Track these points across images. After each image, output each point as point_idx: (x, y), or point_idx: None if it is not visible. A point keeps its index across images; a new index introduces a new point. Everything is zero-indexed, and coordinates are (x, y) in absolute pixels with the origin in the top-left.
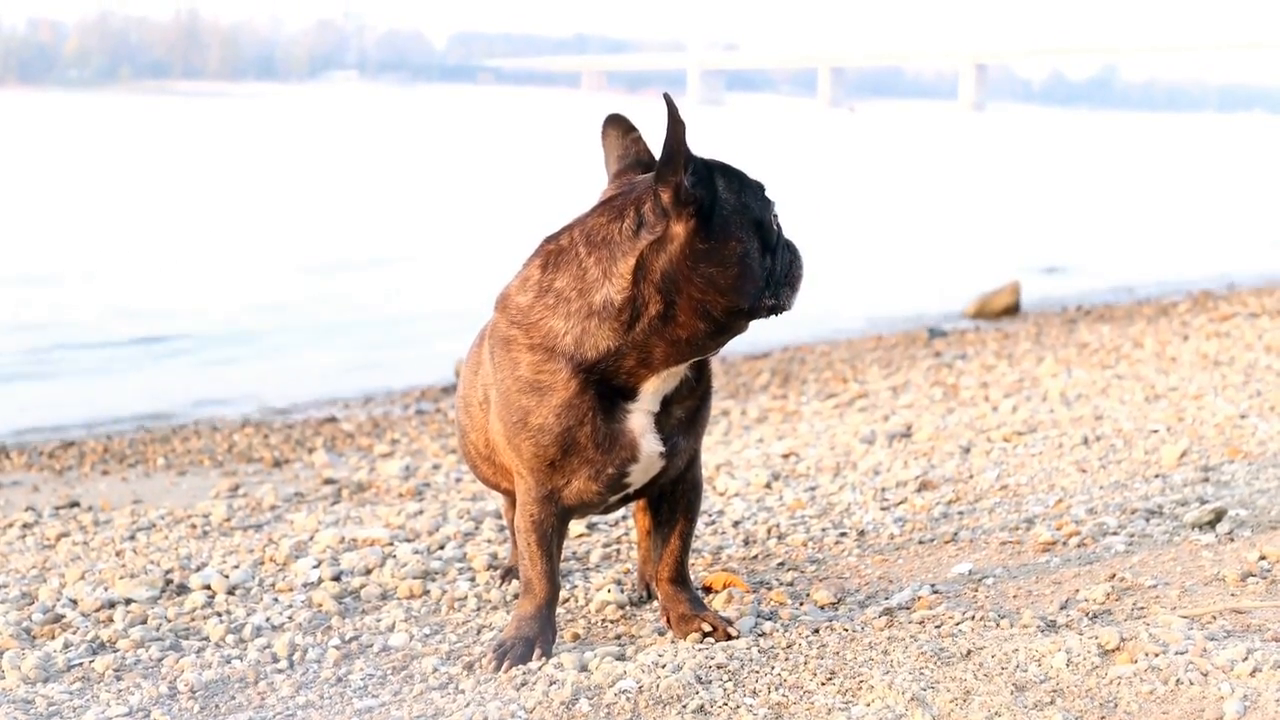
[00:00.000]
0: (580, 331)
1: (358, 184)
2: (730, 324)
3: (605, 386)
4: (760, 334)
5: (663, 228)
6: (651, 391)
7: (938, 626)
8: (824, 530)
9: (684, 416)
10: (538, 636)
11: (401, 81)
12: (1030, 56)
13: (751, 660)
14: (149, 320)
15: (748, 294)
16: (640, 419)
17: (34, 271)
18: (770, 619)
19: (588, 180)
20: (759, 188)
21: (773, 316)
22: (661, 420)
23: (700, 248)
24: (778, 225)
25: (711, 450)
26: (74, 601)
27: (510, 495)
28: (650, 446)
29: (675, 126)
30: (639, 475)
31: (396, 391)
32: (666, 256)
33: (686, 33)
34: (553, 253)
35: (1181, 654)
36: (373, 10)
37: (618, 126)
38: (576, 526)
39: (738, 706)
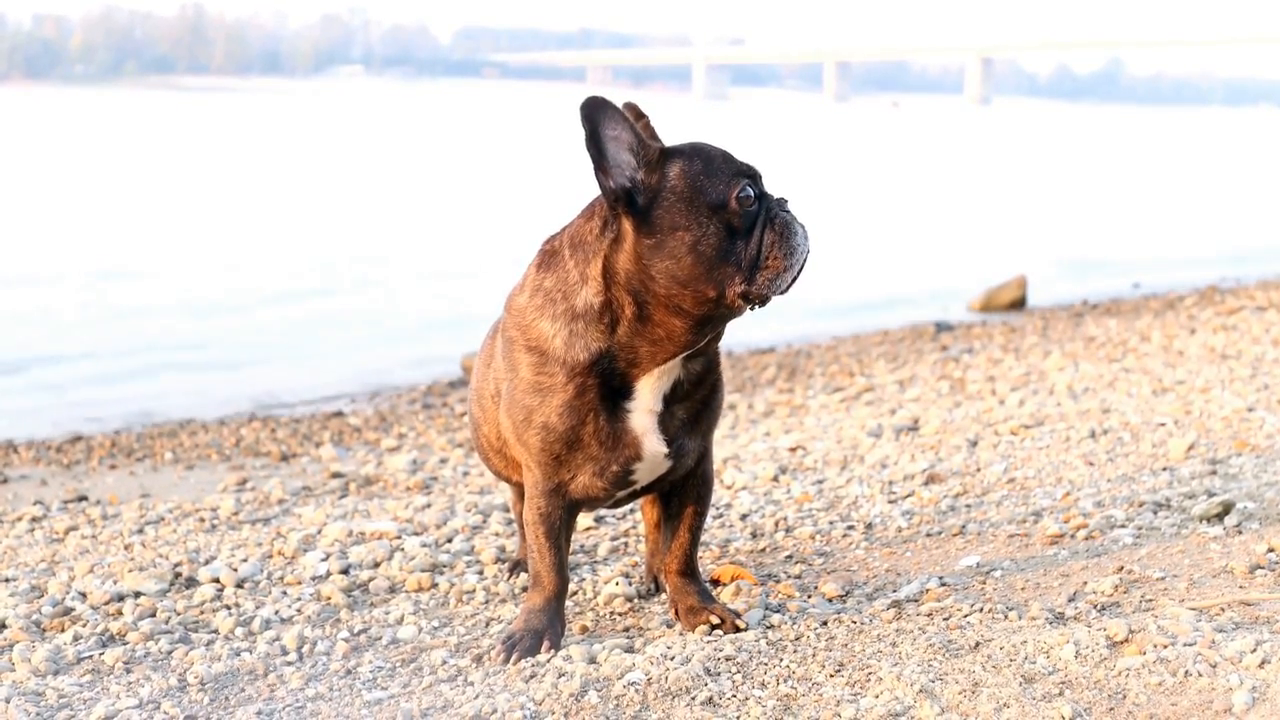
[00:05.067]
0: (568, 334)
1: (365, 179)
2: (709, 316)
3: (605, 386)
4: (766, 328)
5: (618, 227)
6: (649, 390)
7: (946, 619)
8: (831, 523)
9: (688, 417)
10: (546, 629)
11: (406, 76)
12: (1036, 50)
13: (760, 652)
14: (155, 315)
15: (714, 282)
16: (642, 418)
17: (41, 268)
18: (778, 611)
19: (590, 177)
20: (728, 169)
21: (757, 305)
22: (665, 420)
23: (647, 243)
24: (757, 207)
25: (719, 444)
26: (83, 595)
27: (521, 488)
28: (654, 446)
29: (587, 124)
30: (644, 474)
31: (403, 386)
32: (624, 255)
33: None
34: (547, 253)
35: (1190, 646)
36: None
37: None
38: (584, 520)
39: (746, 698)
